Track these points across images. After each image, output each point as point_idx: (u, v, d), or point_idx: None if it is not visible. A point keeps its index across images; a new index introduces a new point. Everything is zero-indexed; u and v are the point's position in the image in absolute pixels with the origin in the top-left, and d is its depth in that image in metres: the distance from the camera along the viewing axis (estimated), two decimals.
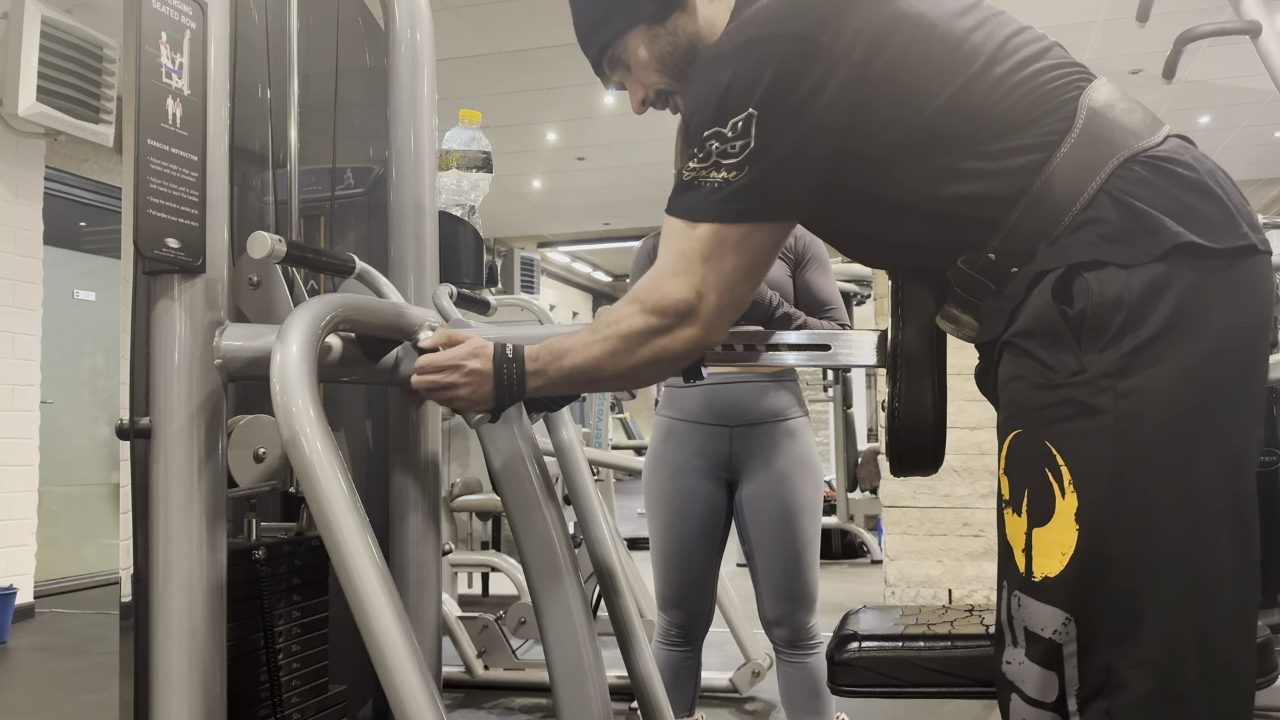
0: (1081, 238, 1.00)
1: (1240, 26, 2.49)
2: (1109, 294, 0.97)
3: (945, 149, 1.07)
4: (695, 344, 1.16)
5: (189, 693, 1.16)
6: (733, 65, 1.09)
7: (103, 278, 6.09)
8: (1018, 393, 1.04)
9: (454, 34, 5.59)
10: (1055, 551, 0.97)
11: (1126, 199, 1.00)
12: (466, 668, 3.34)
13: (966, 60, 1.08)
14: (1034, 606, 0.98)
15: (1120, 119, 1.06)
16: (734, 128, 1.07)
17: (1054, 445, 0.98)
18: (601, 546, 1.74)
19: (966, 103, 1.07)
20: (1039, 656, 0.98)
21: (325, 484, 1.10)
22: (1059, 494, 0.97)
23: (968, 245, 1.09)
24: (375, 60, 1.79)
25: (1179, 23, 2.74)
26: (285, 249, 1.26)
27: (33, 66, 4.36)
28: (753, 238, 1.12)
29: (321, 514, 1.10)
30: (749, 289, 1.15)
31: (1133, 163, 1.02)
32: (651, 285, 1.14)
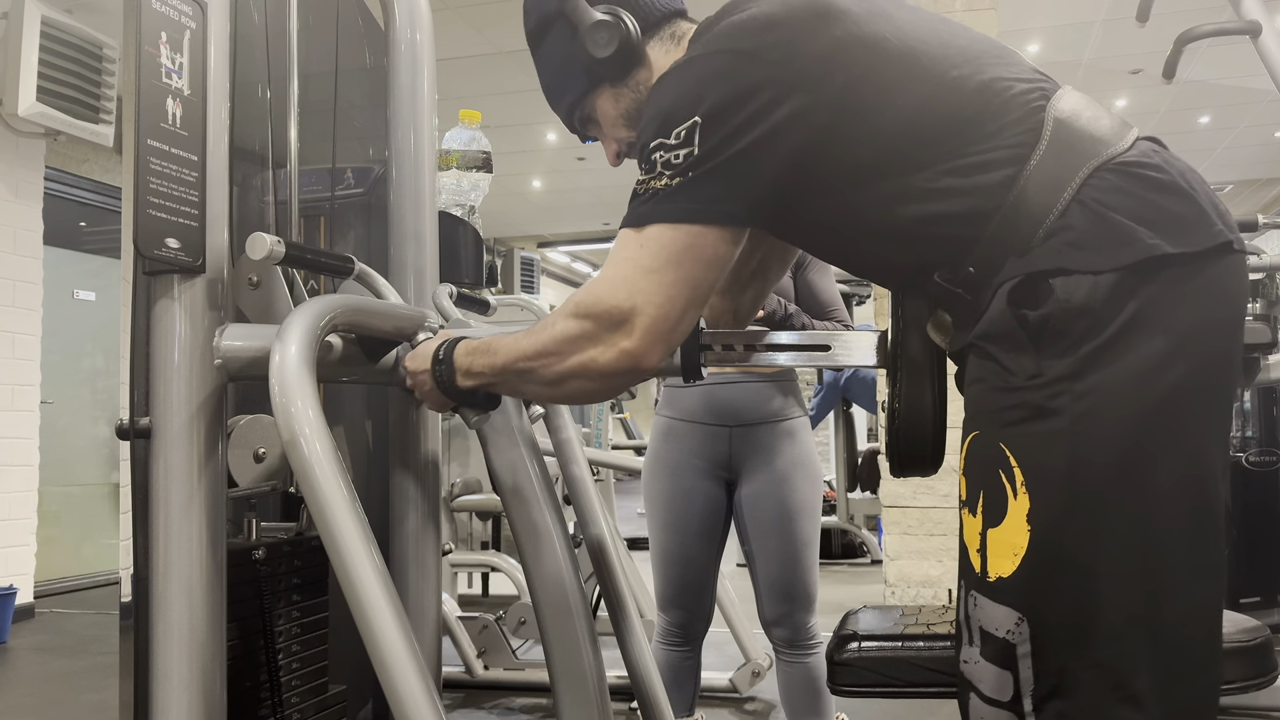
0: (1050, 246, 1.00)
1: (1240, 26, 2.49)
2: (1075, 299, 0.97)
3: (915, 167, 1.06)
4: (626, 362, 1.10)
5: (189, 693, 1.16)
6: (679, 80, 1.10)
7: (103, 278, 6.09)
8: (977, 395, 1.04)
9: (454, 34, 5.59)
10: (1008, 552, 0.98)
11: (1099, 208, 1.00)
12: (466, 668, 3.34)
13: (927, 70, 1.08)
14: (988, 606, 0.99)
15: (1088, 126, 1.05)
16: (677, 136, 1.06)
17: (1008, 447, 0.99)
18: (601, 546, 1.74)
19: (933, 113, 1.06)
20: (993, 656, 0.99)
21: (324, 485, 1.10)
22: (1011, 495, 0.98)
23: (943, 262, 1.09)
24: (375, 60, 1.79)
25: (1179, 23, 2.74)
26: (284, 250, 1.26)
27: (33, 66, 4.36)
28: (697, 246, 1.08)
29: (321, 515, 1.10)
30: (689, 310, 1.10)
31: (1103, 170, 1.02)
32: (588, 290, 1.12)
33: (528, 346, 1.16)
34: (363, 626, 1.10)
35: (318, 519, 1.10)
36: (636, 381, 1.16)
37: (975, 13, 4.46)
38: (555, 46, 1.30)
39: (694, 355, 1.34)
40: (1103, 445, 0.95)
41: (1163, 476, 0.96)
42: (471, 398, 1.27)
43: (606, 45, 1.22)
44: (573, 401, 1.24)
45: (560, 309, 1.15)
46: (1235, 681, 1.04)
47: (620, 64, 1.23)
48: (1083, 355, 0.96)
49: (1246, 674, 1.04)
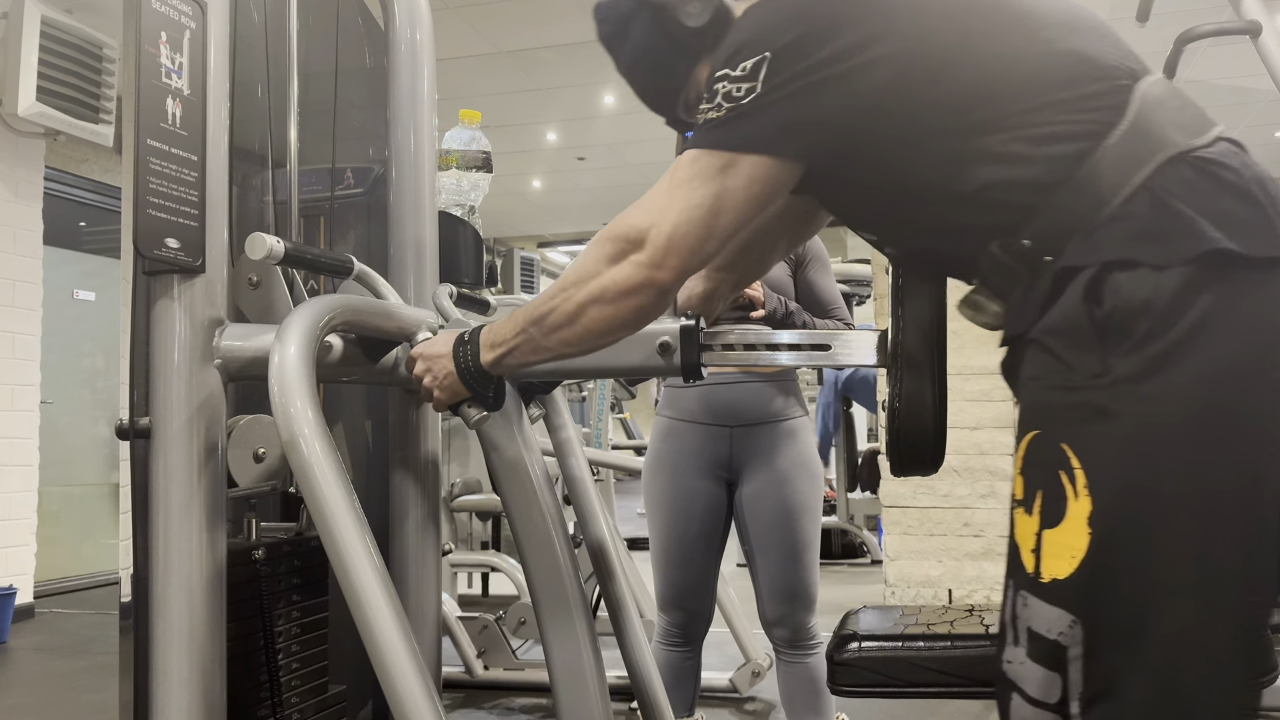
0: (1115, 232, 0.98)
1: (1240, 26, 2.49)
2: (1137, 296, 0.95)
3: (987, 128, 1.04)
4: (639, 275, 1.08)
5: (189, 693, 1.16)
6: (759, 13, 1.08)
7: (103, 278, 6.09)
8: (1037, 393, 1.02)
9: (454, 34, 5.59)
10: (1065, 554, 0.96)
11: (1166, 197, 0.98)
12: (466, 668, 3.34)
13: (1014, 26, 1.05)
14: (1040, 607, 0.98)
15: (1172, 116, 1.03)
16: (743, 69, 1.04)
17: (1070, 448, 0.97)
18: (601, 546, 1.74)
19: (1015, 71, 1.04)
20: (1042, 657, 0.97)
21: (324, 485, 1.10)
22: (1072, 496, 0.96)
23: (998, 230, 1.06)
24: (375, 60, 1.79)
25: (1179, 23, 2.74)
26: (284, 250, 1.26)
27: (33, 66, 4.36)
28: (731, 170, 1.06)
29: (320, 515, 1.10)
30: (708, 235, 1.07)
31: (1178, 161, 1.00)
32: (616, 218, 1.12)
33: (552, 286, 1.15)
34: (362, 627, 1.10)
35: (317, 519, 1.10)
36: (653, 307, 1.12)
37: None
38: (642, 40, 1.26)
39: (694, 355, 1.34)
40: (1167, 451, 0.94)
41: (1225, 485, 0.94)
42: (486, 383, 1.25)
43: (701, 13, 1.19)
44: (592, 340, 1.15)
45: (594, 237, 1.14)
46: None
47: (715, 29, 1.20)
48: (1148, 356, 0.94)
49: None
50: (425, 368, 1.27)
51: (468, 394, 1.26)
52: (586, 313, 1.12)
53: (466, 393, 1.26)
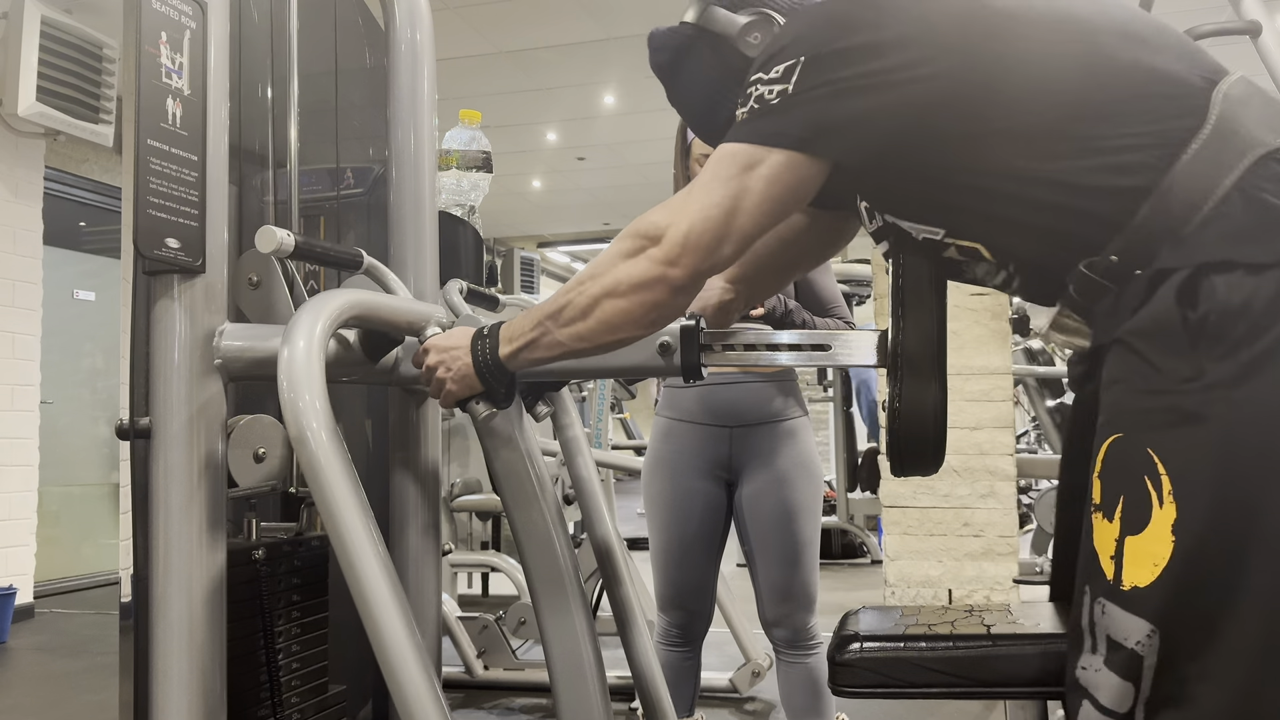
0: (1210, 235, 0.95)
1: (1240, 26, 2.49)
2: (1235, 300, 0.92)
3: (1055, 152, 1.01)
4: (654, 270, 1.07)
5: (189, 693, 1.16)
6: (801, 18, 1.08)
7: (103, 278, 6.09)
8: (1121, 396, 0.99)
9: (454, 34, 5.59)
10: (1148, 561, 0.93)
11: (1261, 195, 0.94)
12: (466, 668, 3.34)
13: (1078, 41, 1.03)
14: (1119, 615, 0.95)
15: (1258, 114, 1.00)
16: (776, 71, 1.04)
17: (1156, 453, 0.94)
18: (607, 546, 1.74)
19: (1083, 90, 1.01)
20: (1119, 666, 0.95)
21: (332, 482, 1.10)
22: (1157, 503, 0.93)
23: (1083, 250, 1.02)
24: (375, 60, 1.79)
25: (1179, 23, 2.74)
26: (294, 243, 1.26)
27: (33, 66, 4.36)
28: (751, 170, 1.04)
29: (329, 513, 1.10)
30: (726, 237, 1.05)
31: (1269, 160, 0.96)
32: (646, 213, 1.12)
33: (570, 282, 1.15)
34: (369, 625, 1.10)
35: (325, 517, 1.10)
36: (666, 306, 1.10)
37: None
38: (699, 69, 1.25)
39: (694, 355, 1.34)
40: (1258, 459, 0.91)
41: None
42: (502, 377, 1.24)
43: (760, 44, 1.18)
44: (605, 334, 1.13)
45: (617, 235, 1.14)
46: None
47: None
48: (1243, 361, 0.91)
49: None
50: (439, 360, 1.27)
51: (481, 389, 1.26)
52: (600, 305, 1.11)
53: (480, 387, 1.25)
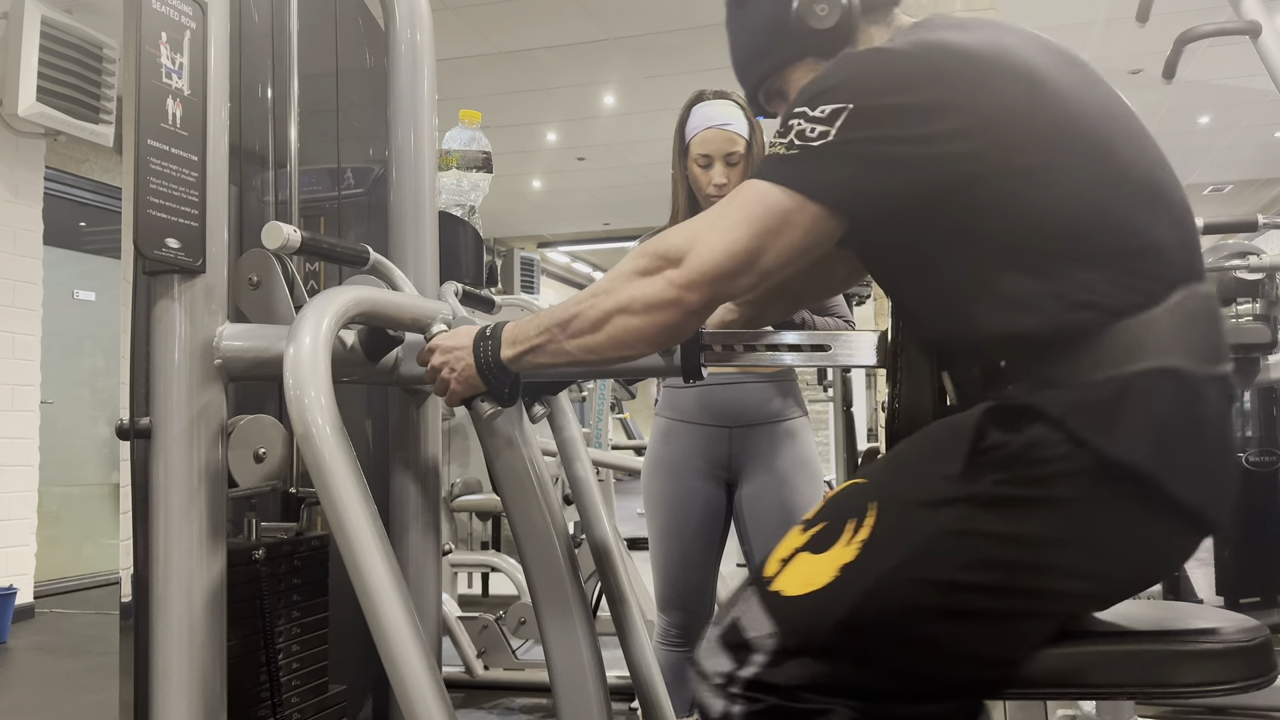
0: (1066, 397, 1.00)
1: (1240, 26, 2.49)
2: (1038, 452, 0.98)
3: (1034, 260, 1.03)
4: (670, 293, 1.07)
5: (189, 693, 1.16)
6: (862, 62, 1.06)
7: (103, 278, 6.09)
8: (895, 454, 1.09)
9: (454, 34, 5.59)
10: (805, 579, 1.03)
11: (1132, 399, 0.99)
12: (466, 668, 3.34)
13: (1103, 175, 1.04)
14: (755, 607, 1.04)
15: (1196, 333, 1.03)
16: (821, 111, 1.03)
17: (877, 508, 1.02)
18: (605, 546, 1.74)
19: (1086, 219, 1.03)
20: (727, 642, 1.04)
21: (338, 480, 1.10)
22: (845, 541, 1.02)
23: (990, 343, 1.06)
24: (375, 60, 1.79)
25: (1179, 23, 2.74)
26: (300, 239, 1.26)
27: (33, 66, 4.36)
28: (782, 210, 1.04)
29: (334, 510, 1.10)
30: (744, 269, 1.06)
31: (1170, 376, 1.00)
32: (665, 231, 1.12)
33: (582, 292, 1.15)
34: (372, 621, 1.10)
35: (330, 514, 1.10)
36: (678, 328, 1.11)
37: (974, 14, 4.45)
38: (762, 9, 1.24)
39: (694, 355, 1.34)
40: (939, 561, 0.99)
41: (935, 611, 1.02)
42: (504, 378, 1.24)
43: (826, 17, 1.17)
44: (614, 349, 1.13)
45: (630, 252, 1.14)
46: (1235, 681, 1.04)
47: (832, 39, 1.18)
48: (994, 495, 1.00)
49: (1246, 674, 1.04)
50: (444, 359, 1.27)
51: (484, 388, 1.26)
52: (612, 321, 1.11)
53: (483, 387, 1.26)
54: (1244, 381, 2.15)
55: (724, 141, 2.12)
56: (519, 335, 1.21)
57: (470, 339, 1.25)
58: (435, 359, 1.28)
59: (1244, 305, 2.45)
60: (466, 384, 1.26)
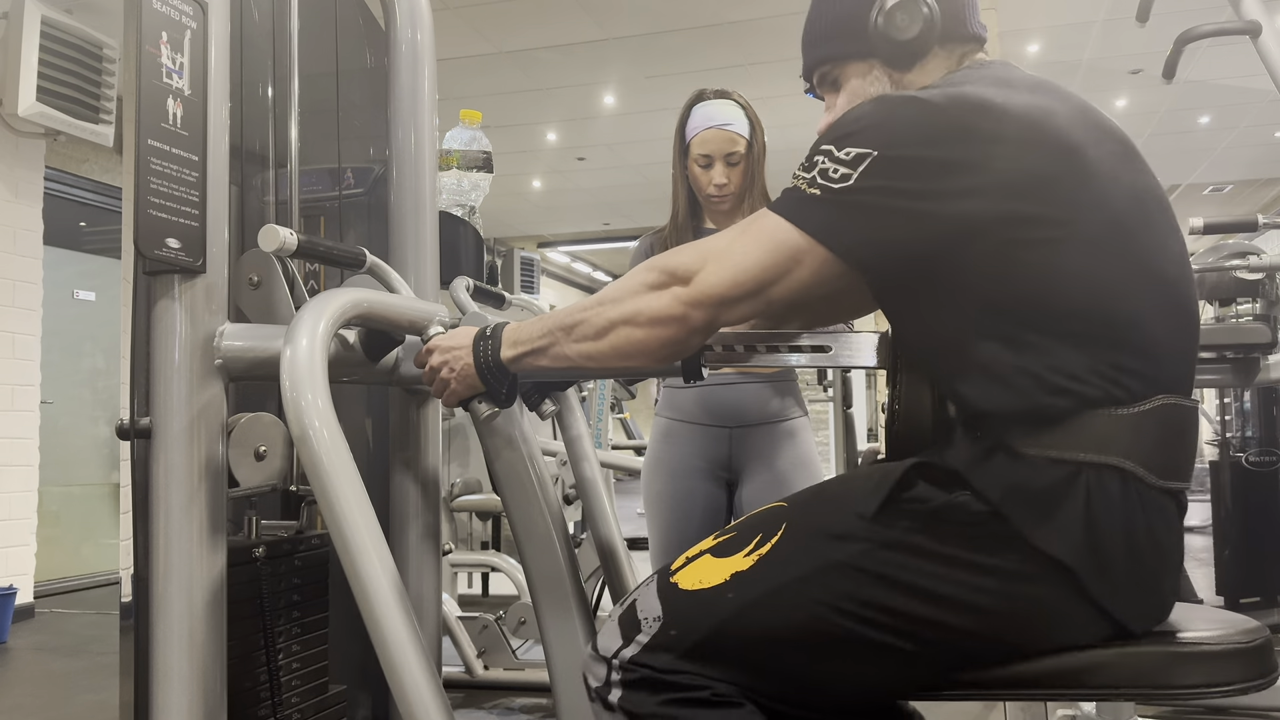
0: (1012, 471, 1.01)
1: (1240, 26, 2.49)
2: (958, 515, 1.01)
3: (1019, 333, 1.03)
4: (676, 308, 1.09)
5: (189, 693, 1.16)
6: (902, 107, 1.05)
7: (103, 278, 6.09)
8: (830, 484, 1.14)
9: (454, 34, 5.59)
10: (699, 576, 1.08)
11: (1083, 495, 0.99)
12: (466, 668, 3.34)
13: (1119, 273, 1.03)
14: (650, 592, 1.10)
15: (1165, 447, 1.03)
16: (846, 154, 1.03)
17: (788, 528, 1.06)
18: (610, 546, 1.74)
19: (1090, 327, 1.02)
20: (624, 625, 1.09)
21: (335, 481, 1.10)
22: (745, 551, 1.07)
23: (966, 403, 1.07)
24: (376, 60, 1.79)
25: (1179, 23, 2.74)
26: (296, 242, 1.26)
27: (33, 66, 4.35)
28: (794, 251, 1.05)
29: (331, 511, 1.10)
30: (752, 298, 1.08)
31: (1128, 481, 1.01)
32: (675, 249, 1.13)
33: (587, 300, 1.16)
34: (370, 622, 1.10)
35: (327, 515, 1.10)
36: (680, 344, 1.12)
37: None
38: (845, 2, 1.22)
39: (694, 356, 1.34)
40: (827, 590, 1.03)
41: None
42: (502, 379, 1.25)
43: (906, 29, 1.17)
44: (614, 359, 1.15)
45: (638, 265, 1.16)
46: (1235, 682, 1.04)
47: (904, 52, 1.18)
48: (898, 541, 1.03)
49: (1246, 674, 1.04)
50: (443, 360, 1.28)
51: (482, 388, 1.27)
52: (616, 331, 1.12)
53: (482, 387, 1.27)
54: (1244, 381, 2.15)
55: (724, 141, 2.12)
56: (520, 337, 1.21)
57: (469, 339, 1.25)
58: (434, 359, 1.29)
59: (1244, 305, 2.45)
60: (465, 384, 1.27)
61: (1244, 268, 2.31)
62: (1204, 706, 2.56)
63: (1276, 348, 2.08)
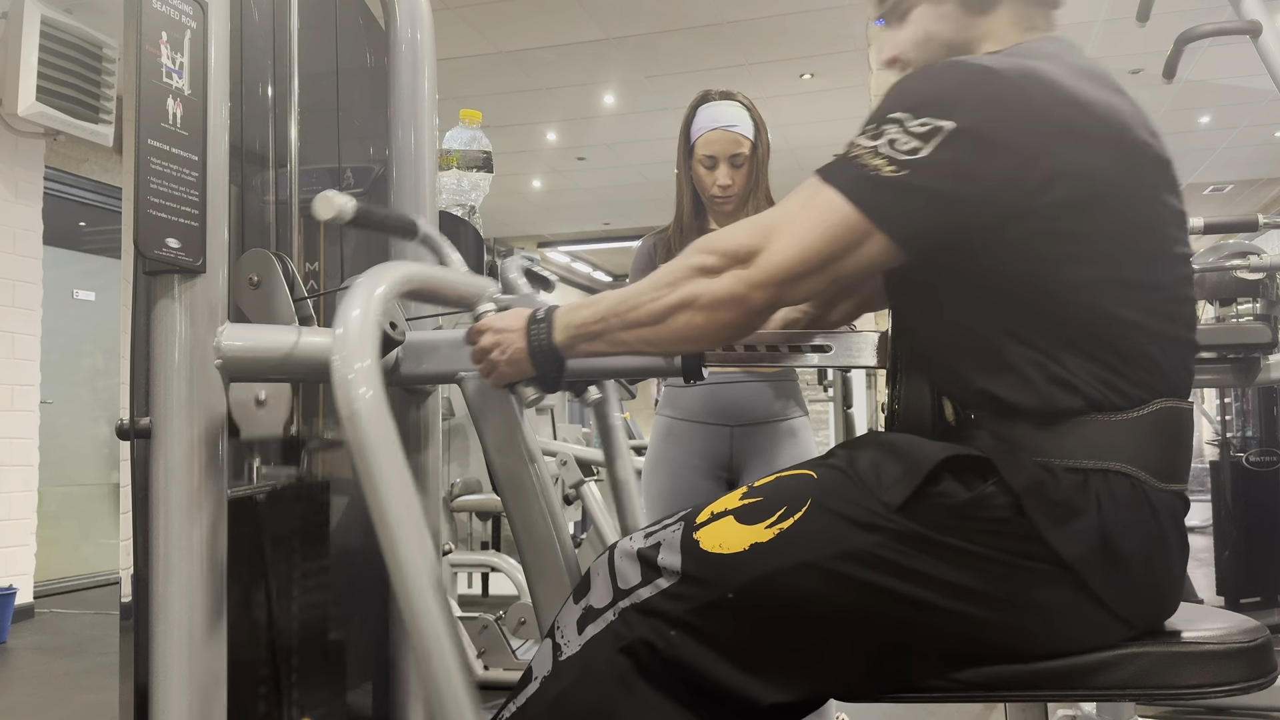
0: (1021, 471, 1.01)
1: (1240, 26, 2.49)
2: (960, 498, 1.00)
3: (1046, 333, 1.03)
4: (738, 289, 1.05)
5: (189, 693, 1.16)
6: (975, 78, 1.02)
7: (103, 278, 6.09)
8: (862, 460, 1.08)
9: (454, 34, 5.59)
10: (720, 540, 1.07)
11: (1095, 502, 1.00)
12: None
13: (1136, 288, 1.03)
14: (674, 545, 1.09)
15: (1163, 449, 1.04)
16: (922, 124, 1.00)
17: (811, 503, 1.05)
18: None
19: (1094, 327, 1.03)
20: (643, 569, 1.09)
21: (381, 459, 1.07)
22: (766, 523, 1.06)
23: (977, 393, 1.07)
24: (376, 60, 1.79)
25: (1179, 23, 2.74)
26: (353, 209, 1.25)
27: (33, 66, 4.35)
28: (855, 234, 1.02)
29: (375, 497, 1.07)
30: (813, 276, 1.04)
31: (1131, 483, 1.01)
32: (725, 230, 1.09)
33: (640, 284, 1.13)
34: (407, 611, 1.08)
35: (372, 502, 1.07)
36: (741, 327, 1.10)
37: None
38: None
39: (695, 355, 1.34)
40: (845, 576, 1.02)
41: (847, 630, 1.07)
42: (552, 364, 1.21)
43: None
44: (673, 345, 1.13)
45: (687, 247, 1.12)
46: (1235, 682, 1.04)
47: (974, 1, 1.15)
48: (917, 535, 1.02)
49: (1246, 674, 1.04)
50: (495, 340, 1.24)
51: (532, 372, 1.23)
52: (676, 316, 1.09)
53: (531, 371, 1.23)
54: (1244, 381, 2.15)
55: (729, 143, 2.12)
56: (574, 321, 1.18)
57: (522, 321, 1.22)
58: (486, 339, 1.25)
59: (1244, 305, 2.45)
60: (515, 367, 1.23)
61: (1244, 268, 2.30)
62: (1204, 706, 2.56)
63: (1277, 348, 2.07)
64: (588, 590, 1.13)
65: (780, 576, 1.03)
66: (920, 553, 1.00)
